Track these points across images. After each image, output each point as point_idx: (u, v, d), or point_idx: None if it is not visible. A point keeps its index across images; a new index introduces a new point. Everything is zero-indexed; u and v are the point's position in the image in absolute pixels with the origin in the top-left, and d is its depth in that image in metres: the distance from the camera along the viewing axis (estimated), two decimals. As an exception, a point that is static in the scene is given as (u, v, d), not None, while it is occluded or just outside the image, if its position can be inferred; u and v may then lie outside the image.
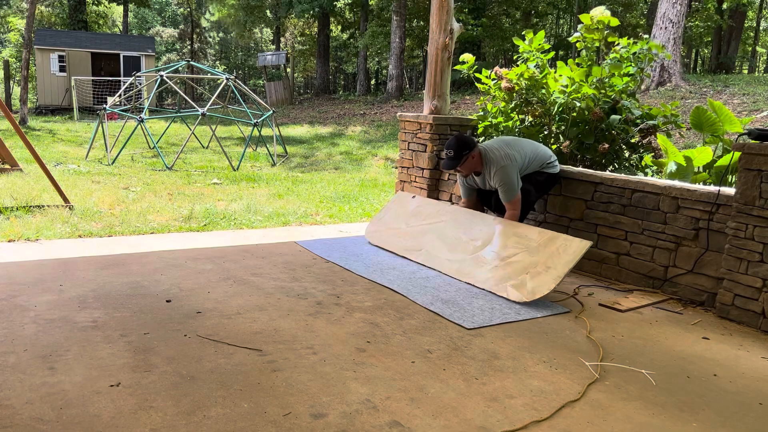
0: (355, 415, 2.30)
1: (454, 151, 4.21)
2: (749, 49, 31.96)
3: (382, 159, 12.28)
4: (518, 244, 4.01)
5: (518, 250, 3.97)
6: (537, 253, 3.85)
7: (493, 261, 4.03)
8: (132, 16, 41.32)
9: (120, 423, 2.17)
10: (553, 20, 33.82)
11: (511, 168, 4.18)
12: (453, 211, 4.68)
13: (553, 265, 3.70)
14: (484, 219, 4.41)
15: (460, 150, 4.21)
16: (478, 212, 4.57)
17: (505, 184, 4.18)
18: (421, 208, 4.96)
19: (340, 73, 42.13)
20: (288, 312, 3.37)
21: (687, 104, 13.44)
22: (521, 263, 3.87)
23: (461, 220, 4.52)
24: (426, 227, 4.71)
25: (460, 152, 4.20)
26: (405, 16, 23.21)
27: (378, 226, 5.14)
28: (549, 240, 3.88)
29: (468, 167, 4.29)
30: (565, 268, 3.64)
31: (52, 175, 6.09)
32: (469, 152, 4.21)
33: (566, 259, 3.67)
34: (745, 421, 2.40)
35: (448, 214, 4.67)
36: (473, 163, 4.28)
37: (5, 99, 24.60)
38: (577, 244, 3.72)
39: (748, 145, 3.42)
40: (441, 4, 5.54)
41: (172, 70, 15.16)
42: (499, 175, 4.19)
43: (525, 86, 5.39)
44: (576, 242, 3.74)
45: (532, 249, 3.90)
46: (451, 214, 4.65)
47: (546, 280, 3.66)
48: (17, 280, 3.69)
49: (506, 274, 3.88)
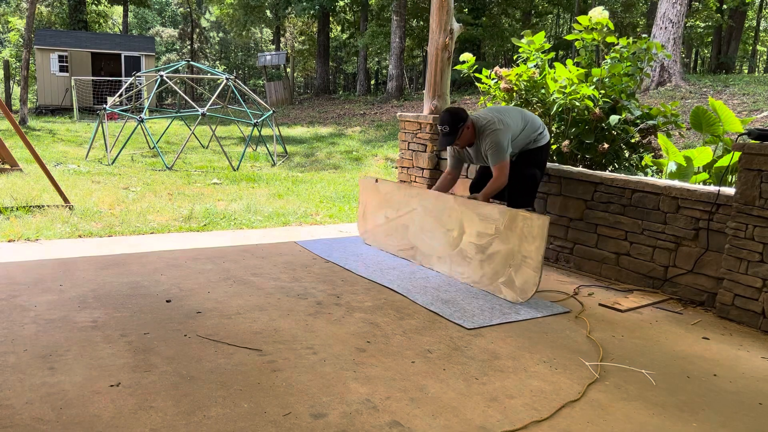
0: (355, 415, 2.30)
1: (450, 125, 4.12)
2: (749, 49, 31.96)
3: (382, 159, 12.28)
4: (487, 228, 3.96)
5: (491, 236, 3.92)
6: (508, 240, 3.80)
7: (476, 255, 4.01)
8: (132, 16, 41.33)
9: (120, 423, 2.17)
10: (553, 20, 33.82)
11: (503, 133, 4.11)
12: (418, 195, 4.61)
13: (527, 254, 3.66)
14: (446, 202, 4.32)
15: (455, 123, 4.12)
16: (438, 193, 4.48)
17: (495, 146, 4.09)
18: (389, 195, 4.87)
19: (340, 73, 42.13)
20: (288, 312, 3.37)
21: (687, 104, 13.44)
22: (500, 254, 3.84)
23: (429, 207, 4.45)
24: (405, 219, 4.68)
25: (455, 126, 4.12)
26: (405, 16, 23.22)
27: (365, 225, 5.14)
28: (511, 219, 3.80)
29: (464, 140, 4.21)
30: (539, 255, 3.60)
31: (52, 175, 6.09)
32: (463, 124, 4.13)
33: (536, 245, 3.61)
34: (745, 421, 2.40)
35: (415, 200, 4.60)
36: (468, 135, 4.20)
37: (5, 99, 24.59)
38: (538, 221, 3.63)
39: (748, 145, 3.42)
40: (441, 4, 5.53)
41: (172, 70, 15.17)
42: (491, 138, 4.10)
43: (524, 87, 5.39)
44: (536, 219, 3.66)
45: (501, 233, 3.84)
46: (418, 199, 4.58)
47: (529, 274, 3.65)
48: (17, 280, 3.70)
49: (493, 271, 3.87)
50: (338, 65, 40.82)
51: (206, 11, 40.20)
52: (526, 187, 4.31)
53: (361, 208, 5.21)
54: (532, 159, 4.33)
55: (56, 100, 24.00)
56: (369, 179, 5.13)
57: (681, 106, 12.98)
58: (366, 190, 5.15)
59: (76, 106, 20.58)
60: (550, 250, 4.71)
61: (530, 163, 4.32)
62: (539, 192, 4.74)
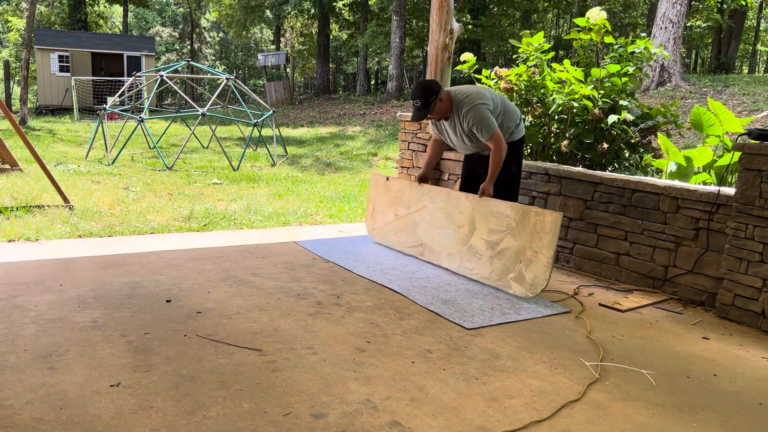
0: (355, 415, 2.30)
1: (421, 99, 3.98)
2: (749, 49, 31.97)
3: (383, 159, 12.28)
4: (499, 224, 3.96)
5: (502, 233, 3.93)
6: (519, 236, 3.80)
7: (486, 252, 4.02)
8: (132, 16, 41.33)
9: (120, 423, 2.17)
10: (553, 20, 33.82)
11: (484, 107, 3.95)
12: (429, 193, 4.60)
13: (538, 249, 3.67)
14: (458, 199, 4.31)
15: (427, 97, 3.97)
16: (450, 191, 4.45)
17: (480, 120, 3.92)
18: (400, 192, 4.87)
19: (340, 73, 42.12)
20: (288, 312, 3.37)
21: (687, 104, 13.44)
22: (510, 250, 3.86)
23: (440, 205, 4.46)
24: (415, 216, 4.69)
25: (427, 99, 3.97)
26: (405, 16, 23.22)
27: (374, 223, 5.14)
28: (523, 215, 3.80)
29: (438, 112, 4.06)
30: (551, 251, 3.61)
31: (52, 175, 6.08)
32: (435, 96, 3.98)
33: (548, 240, 3.63)
34: (745, 421, 2.40)
35: (426, 198, 4.61)
36: (442, 107, 4.04)
37: (5, 99, 24.59)
38: (550, 217, 3.63)
39: (748, 145, 3.42)
40: (441, 4, 5.54)
41: (172, 70, 15.16)
42: (472, 113, 3.94)
43: (524, 87, 5.39)
44: (548, 215, 3.66)
45: (513, 230, 3.85)
46: (429, 197, 4.58)
47: (540, 269, 3.66)
48: (17, 280, 3.69)
49: (503, 267, 3.88)
50: (338, 65, 40.81)
51: (206, 11, 40.19)
52: (503, 183, 4.21)
53: (371, 206, 5.21)
54: (507, 155, 4.17)
55: (56, 100, 24.00)
56: (380, 176, 5.13)
57: (681, 106, 12.98)
58: (377, 187, 5.15)
59: (76, 106, 20.58)
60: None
61: (510, 161, 4.20)
62: (539, 192, 4.74)
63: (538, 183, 4.75)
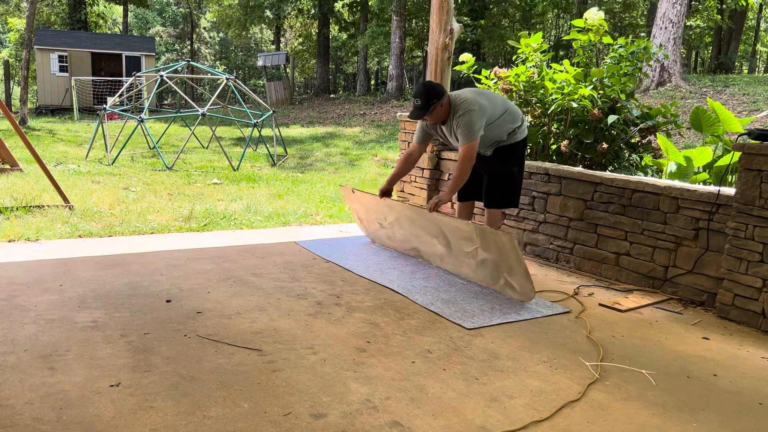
0: (355, 415, 2.30)
1: (422, 100, 4.01)
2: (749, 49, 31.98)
3: (382, 159, 12.28)
4: (468, 240, 3.94)
5: (474, 247, 3.91)
6: (489, 251, 3.79)
7: (471, 260, 4.00)
8: (132, 16, 41.32)
9: (120, 423, 2.17)
10: (553, 20, 33.82)
11: (477, 114, 3.97)
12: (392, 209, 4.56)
13: (511, 264, 3.64)
14: (421, 213, 4.28)
15: (428, 99, 4.00)
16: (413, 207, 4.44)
17: (466, 126, 3.95)
18: (370, 204, 4.82)
19: (339, 73, 42.13)
20: (288, 312, 3.37)
21: (687, 104, 13.45)
22: (489, 261, 3.83)
23: (411, 215, 4.42)
24: (394, 226, 4.67)
25: (428, 102, 4.00)
26: (405, 16, 23.22)
27: (366, 229, 5.16)
28: (481, 233, 3.79)
29: (435, 116, 4.09)
30: (521, 264, 3.57)
31: (52, 175, 6.08)
32: (437, 102, 4.01)
33: (514, 256, 3.59)
34: (745, 421, 2.40)
35: (395, 212, 4.57)
36: (441, 112, 4.08)
37: (5, 99, 24.58)
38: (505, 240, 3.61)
39: (748, 145, 3.42)
40: (441, 4, 5.53)
41: (172, 70, 15.16)
42: (463, 118, 3.98)
43: (523, 87, 5.39)
44: (502, 236, 3.64)
45: (481, 246, 3.84)
46: (398, 212, 4.54)
47: (521, 282, 3.63)
48: (17, 280, 3.69)
49: (491, 275, 3.87)
50: (338, 65, 40.81)
51: (206, 11, 40.20)
52: (504, 184, 4.22)
53: (355, 215, 5.21)
54: (509, 156, 4.20)
55: (56, 100, 24.00)
56: (347, 188, 5.07)
57: (681, 106, 12.99)
58: (349, 198, 5.11)
59: (76, 106, 20.58)
60: (550, 250, 4.71)
61: (507, 160, 4.21)
62: (539, 192, 4.74)
63: (538, 183, 4.75)
